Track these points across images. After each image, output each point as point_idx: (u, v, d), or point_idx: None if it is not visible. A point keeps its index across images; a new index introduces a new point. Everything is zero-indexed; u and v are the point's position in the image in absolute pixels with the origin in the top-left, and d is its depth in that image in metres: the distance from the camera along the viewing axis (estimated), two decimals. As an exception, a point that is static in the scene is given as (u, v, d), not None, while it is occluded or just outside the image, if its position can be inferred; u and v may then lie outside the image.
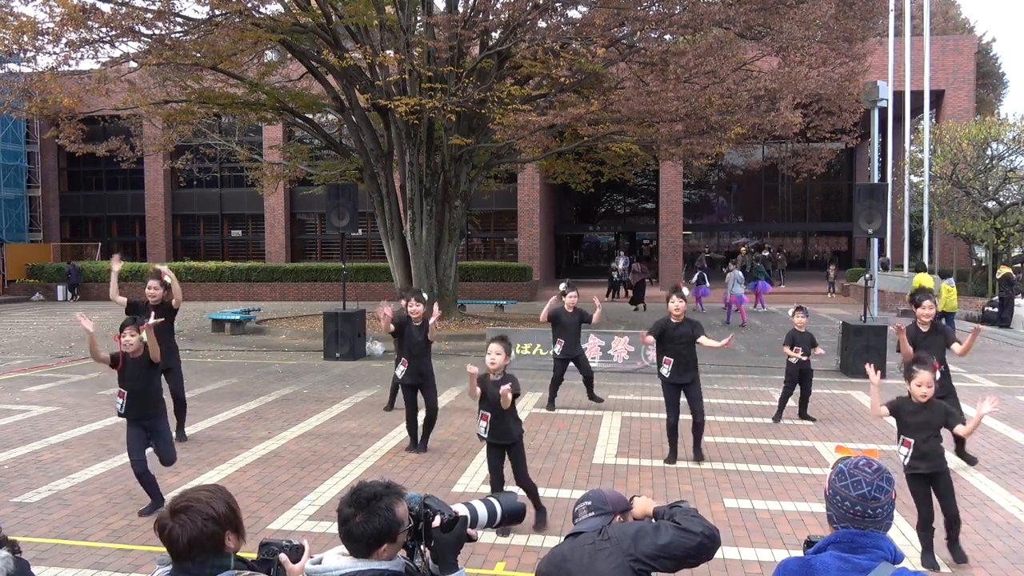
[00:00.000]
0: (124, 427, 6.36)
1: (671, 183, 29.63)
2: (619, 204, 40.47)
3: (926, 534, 5.16)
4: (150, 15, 14.00)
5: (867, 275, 15.18)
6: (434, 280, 17.34)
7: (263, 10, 14.80)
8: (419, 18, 16.50)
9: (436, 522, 2.34)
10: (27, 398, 10.59)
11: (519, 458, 5.78)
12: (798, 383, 9.19)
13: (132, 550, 5.41)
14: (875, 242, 16.26)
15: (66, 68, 14.60)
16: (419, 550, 2.39)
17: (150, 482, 6.13)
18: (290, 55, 18.10)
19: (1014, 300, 19.17)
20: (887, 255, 26.27)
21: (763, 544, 5.52)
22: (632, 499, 2.91)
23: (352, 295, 19.29)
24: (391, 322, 7.82)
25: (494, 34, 16.28)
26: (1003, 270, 19.85)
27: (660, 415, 9.53)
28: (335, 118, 21.67)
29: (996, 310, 19.29)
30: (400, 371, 7.88)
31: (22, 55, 14.49)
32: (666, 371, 7.38)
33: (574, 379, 10.06)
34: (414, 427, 7.88)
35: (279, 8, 16.25)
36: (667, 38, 16.83)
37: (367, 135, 17.56)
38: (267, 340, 16.96)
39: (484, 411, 5.70)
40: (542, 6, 14.50)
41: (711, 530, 2.66)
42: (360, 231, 30.04)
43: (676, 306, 7.34)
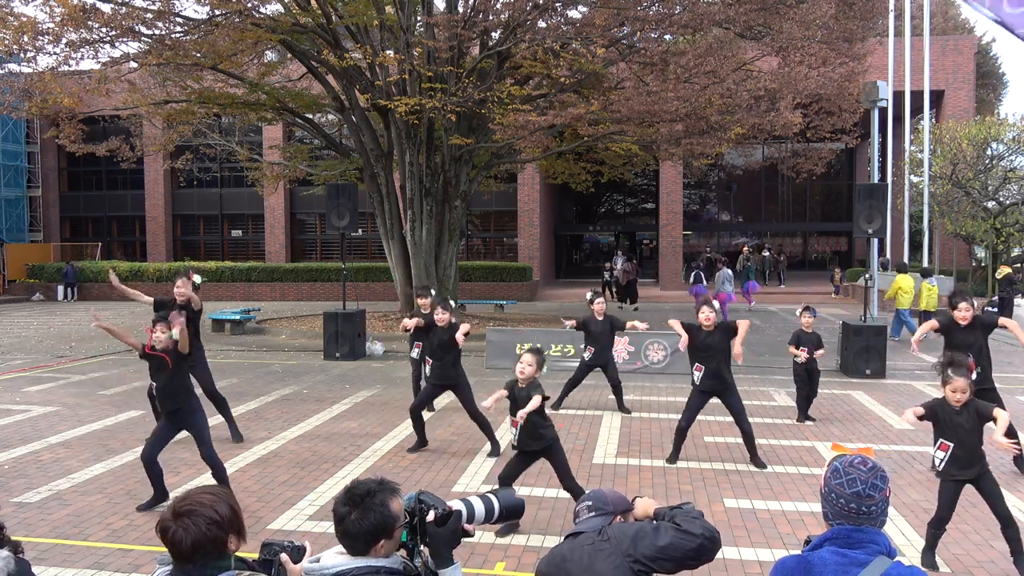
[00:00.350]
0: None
1: (671, 183, 29.60)
2: (619, 204, 40.44)
3: (936, 532, 5.15)
4: (150, 15, 14.02)
5: (867, 275, 15.20)
6: (434, 280, 17.32)
7: (263, 10, 14.81)
8: (419, 18, 16.50)
9: (431, 517, 2.34)
10: (27, 398, 10.59)
11: (559, 462, 5.86)
12: (807, 383, 9.22)
13: (132, 550, 5.41)
14: (875, 242, 16.27)
15: (66, 68, 14.61)
16: (419, 550, 2.39)
17: (156, 474, 6.22)
18: (290, 55, 18.10)
19: (1014, 300, 19.17)
20: (887, 255, 26.27)
21: (763, 544, 5.52)
22: (634, 500, 2.91)
23: (352, 295, 19.30)
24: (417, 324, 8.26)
25: (494, 34, 16.28)
26: (1003, 270, 19.84)
27: (660, 415, 9.57)
28: (335, 118, 21.68)
29: (996, 310, 19.28)
30: (426, 369, 8.22)
31: (22, 55, 14.50)
32: (696, 378, 7.52)
33: (584, 382, 10.02)
34: (419, 421, 7.93)
35: (279, 8, 16.26)
36: (667, 38, 16.82)
37: (367, 135, 17.56)
38: (267, 340, 16.97)
39: (513, 418, 5.80)
40: (542, 6, 14.50)
41: (711, 532, 2.65)
42: (360, 231, 30.05)
43: (706, 316, 7.43)
